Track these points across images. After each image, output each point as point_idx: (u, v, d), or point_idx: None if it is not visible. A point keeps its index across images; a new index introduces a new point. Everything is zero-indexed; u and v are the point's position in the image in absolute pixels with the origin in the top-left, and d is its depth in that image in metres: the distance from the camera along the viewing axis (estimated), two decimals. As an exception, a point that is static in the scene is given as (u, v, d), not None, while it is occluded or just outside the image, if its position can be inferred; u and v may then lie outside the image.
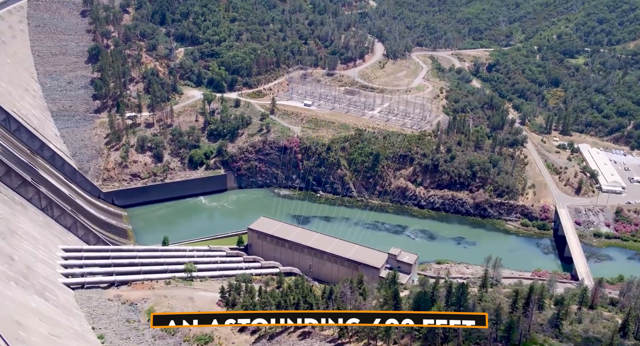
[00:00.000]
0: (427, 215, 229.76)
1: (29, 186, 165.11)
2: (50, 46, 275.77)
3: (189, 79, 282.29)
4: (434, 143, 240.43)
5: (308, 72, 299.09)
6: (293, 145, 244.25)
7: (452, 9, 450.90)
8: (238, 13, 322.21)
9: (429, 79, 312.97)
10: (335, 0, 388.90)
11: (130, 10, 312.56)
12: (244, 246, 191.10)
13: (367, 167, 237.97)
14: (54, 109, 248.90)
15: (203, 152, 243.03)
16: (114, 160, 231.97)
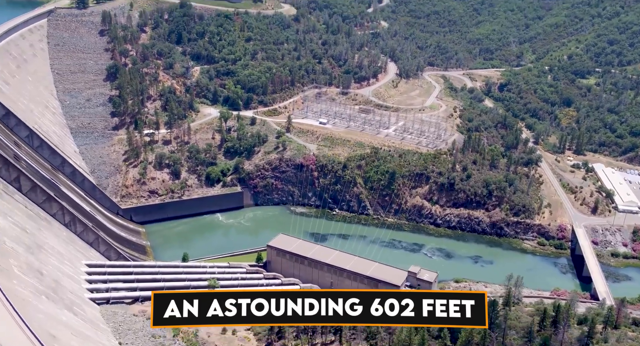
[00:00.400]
0: (444, 233, 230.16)
1: (54, 201, 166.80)
2: (70, 64, 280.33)
3: (205, 97, 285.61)
4: (450, 162, 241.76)
5: (322, 91, 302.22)
6: (309, 163, 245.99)
7: (462, 29, 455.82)
8: (253, 33, 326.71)
9: (442, 98, 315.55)
10: (347, 20, 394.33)
11: (147, 29, 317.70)
12: (263, 263, 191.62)
13: (383, 186, 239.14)
14: (73, 126, 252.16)
15: (220, 169, 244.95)
16: (133, 177, 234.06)
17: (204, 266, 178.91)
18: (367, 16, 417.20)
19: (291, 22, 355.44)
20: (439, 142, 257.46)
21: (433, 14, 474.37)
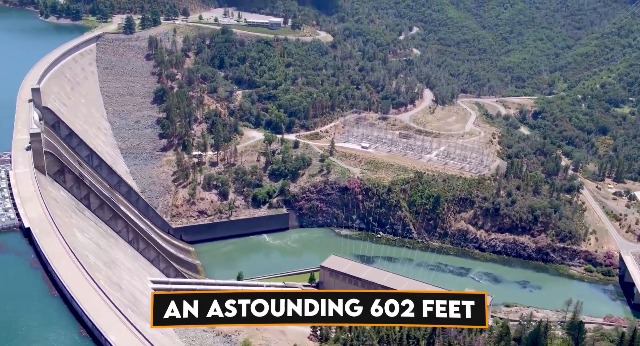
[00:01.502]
0: (489, 258, 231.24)
1: (119, 219, 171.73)
2: (118, 87, 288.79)
3: (248, 121, 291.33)
4: (494, 187, 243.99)
5: (362, 116, 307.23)
6: (354, 186, 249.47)
7: (492, 57, 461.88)
8: (293, 58, 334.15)
9: (479, 125, 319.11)
10: (380, 47, 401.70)
11: (191, 54, 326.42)
12: (315, 284, 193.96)
13: (428, 210, 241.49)
14: (123, 146, 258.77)
15: (266, 191, 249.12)
16: (182, 197, 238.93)
17: (261, 285, 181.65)
18: (400, 44, 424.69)
19: (328, 48, 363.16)
20: (482, 167, 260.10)
21: (463, 43, 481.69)
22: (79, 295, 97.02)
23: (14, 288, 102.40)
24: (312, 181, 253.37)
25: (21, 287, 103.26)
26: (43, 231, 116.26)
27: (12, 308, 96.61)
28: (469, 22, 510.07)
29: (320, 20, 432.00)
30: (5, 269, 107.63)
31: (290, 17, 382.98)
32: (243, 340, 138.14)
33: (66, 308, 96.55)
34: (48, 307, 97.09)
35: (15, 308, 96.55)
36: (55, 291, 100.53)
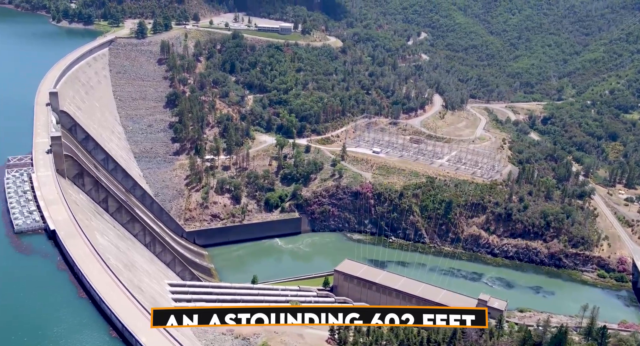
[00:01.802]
0: (501, 263, 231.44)
1: (136, 222, 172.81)
2: (131, 91, 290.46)
3: (259, 125, 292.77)
4: (506, 192, 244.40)
5: (372, 121, 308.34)
6: (366, 191, 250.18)
7: (501, 63, 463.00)
8: (303, 63, 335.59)
9: (489, 130, 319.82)
10: (389, 52, 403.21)
11: (202, 59, 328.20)
12: (329, 288, 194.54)
13: (440, 215, 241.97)
14: (136, 150, 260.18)
15: (278, 195, 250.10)
16: (195, 201, 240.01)
17: (277, 288, 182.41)
18: (408, 49, 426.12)
19: (338, 54, 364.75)
20: (494, 173, 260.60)
21: (471, 48, 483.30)
22: (108, 297, 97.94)
23: (43, 290, 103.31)
24: (324, 186, 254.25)
25: (50, 289, 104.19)
26: (68, 233, 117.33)
27: (43, 310, 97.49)
28: (476, 27, 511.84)
29: (329, 26, 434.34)
30: (33, 271, 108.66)
31: (300, 22, 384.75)
32: (261, 343, 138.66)
33: (95, 310, 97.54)
34: (77, 309, 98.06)
35: (46, 310, 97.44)
36: (84, 293, 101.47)
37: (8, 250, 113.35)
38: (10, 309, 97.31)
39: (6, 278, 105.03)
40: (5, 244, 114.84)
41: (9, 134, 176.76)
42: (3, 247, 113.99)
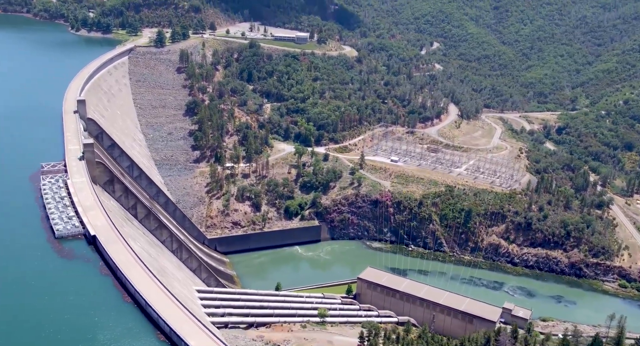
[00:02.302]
0: (521, 273, 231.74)
1: (164, 229, 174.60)
2: (151, 99, 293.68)
3: (277, 133, 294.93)
4: (525, 202, 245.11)
5: (389, 130, 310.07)
6: (385, 199, 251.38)
7: (514, 73, 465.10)
8: (320, 72, 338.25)
9: (505, 140, 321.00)
10: (403, 62, 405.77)
11: (220, 68, 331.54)
12: (352, 295, 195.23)
13: (459, 223, 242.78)
14: (157, 158, 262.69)
15: (297, 203, 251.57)
16: (217, 208, 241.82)
17: (301, 295, 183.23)
18: (422, 59, 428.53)
19: (354, 63, 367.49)
20: (512, 182, 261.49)
21: (483, 58, 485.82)
22: (153, 302, 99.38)
23: (89, 295, 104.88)
24: (344, 194, 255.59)
25: (95, 294, 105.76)
26: (108, 239, 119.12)
27: (91, 314, 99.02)
28: (488, 38, 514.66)
29: (342, 35, 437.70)
30: (77, 276, 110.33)
31: (316, 32, 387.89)
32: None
33: (141, 314, 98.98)
34: (123, 313, 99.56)
35: (93, 315, 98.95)
36: (129, 298, 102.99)
37: (51, 255, 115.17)
38: (59, 313, 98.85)
39: (52, 282, 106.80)
40: (48, 250, 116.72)
41: (40, 141, 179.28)
42: (46, 252, 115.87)
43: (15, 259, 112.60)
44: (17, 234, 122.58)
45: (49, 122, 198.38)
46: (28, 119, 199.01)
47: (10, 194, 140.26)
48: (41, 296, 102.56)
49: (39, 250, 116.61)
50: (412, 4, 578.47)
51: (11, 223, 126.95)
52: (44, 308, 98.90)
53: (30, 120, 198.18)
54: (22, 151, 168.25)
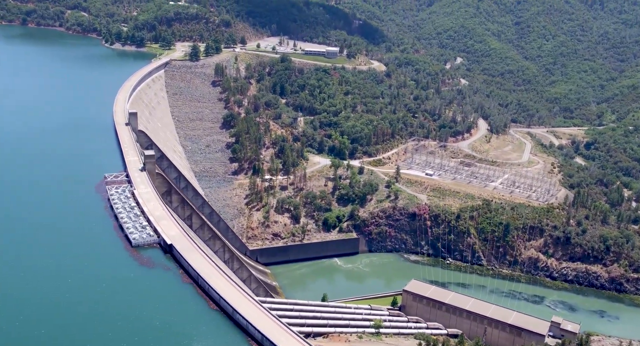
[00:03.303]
0: (561, 287, 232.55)
1: (217, 239, 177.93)
2: (188, 112, 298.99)
3: (311, 146, 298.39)
4: (563, 216, 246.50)
5: (421, 144, 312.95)
6: (422, 212, 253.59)
7: (538, 88, 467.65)
8: (351, 86, 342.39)
9: (536, 154, 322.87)
10: (431, 76, 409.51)
11: (253, 81, 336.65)
12: (398, 307, 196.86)
13: (497, 237, 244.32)
14: (196, 170, 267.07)
15: (335, 215, 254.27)
16: (257, 220, 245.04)
17: (349, 307, 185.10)
18: (448, 73, 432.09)
19: (384, 77, 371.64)
20: (549, 196, 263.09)
21: (507, 73, 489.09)
22: (241, 308, 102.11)
23: (176, 304, 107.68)
24: (381, 207, 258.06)
25: (181, 302, 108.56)
26: (184, 247, 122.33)
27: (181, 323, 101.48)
28: (511, 53, 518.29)
29: (368, 50, 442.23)
30: (161, 284, 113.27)
31: (345, 47, 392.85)
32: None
33: (229, 321, 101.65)
34: (211, 321, 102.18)
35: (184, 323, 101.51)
36: (214, 305, 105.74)
37: (132, 264, 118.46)
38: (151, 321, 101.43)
39: (138, 291, 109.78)
40: (128, 258, 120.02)
41: (97, 152, 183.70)
42: (127, 261, 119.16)
43: (98, 268, 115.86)
44: (95, 243, 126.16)
45: (102, 134, 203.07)
46: (82, 131, 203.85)
47: (82, 204, 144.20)
48: (132, 305, 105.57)
49: (119, 259, 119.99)
50: (434, 19, 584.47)
51: (88, 232, 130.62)
52: (136, 317, 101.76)
53: (84, 132, 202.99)
54: (83, 162, 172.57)
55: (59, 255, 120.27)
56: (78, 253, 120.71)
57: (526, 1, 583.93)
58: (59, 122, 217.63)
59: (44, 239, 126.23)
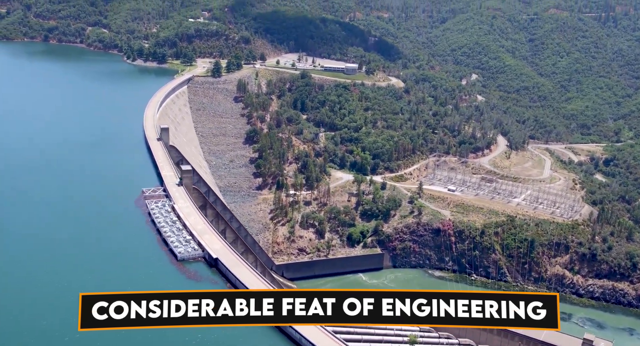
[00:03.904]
0: (587, 304, 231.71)
1: (250, 254, 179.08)
2: (211, 127, 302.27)
3: (333, 162, 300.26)
4: (589, 232, 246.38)
5: (442, 160, 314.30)
6: (447, 228, 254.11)
7: (554, 105, 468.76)
8: (371, 103, 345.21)
9: (556, 171, 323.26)
10: (449, 93, 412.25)
11: (274, 97, 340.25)
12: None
13: (522, 253, 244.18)
14: (221, 184, 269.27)
15: (359, 230, 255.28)
16: (282, 234, 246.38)
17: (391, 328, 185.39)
18: (465, 90, 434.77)
19: (402, 93, 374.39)
20: (573, 213, 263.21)
21: (523, 89, 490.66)
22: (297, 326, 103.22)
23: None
24: (405, 222, 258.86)
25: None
26: (230, 262, 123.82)
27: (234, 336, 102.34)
28: (526, 69, 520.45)
29: (385, 66, 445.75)
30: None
31: (364, 63, 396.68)
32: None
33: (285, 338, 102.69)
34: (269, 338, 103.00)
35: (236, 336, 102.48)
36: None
37: (180, 277, 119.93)
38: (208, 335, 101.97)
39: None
40: (175, 272, 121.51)
41: (132, 167, 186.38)
42: (174, 274, 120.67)
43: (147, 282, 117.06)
44: (141, 257, 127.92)
45: (133, 149, 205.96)
46: (113, 146, 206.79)
47: (123, 219, 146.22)
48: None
49: (166, 273, 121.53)
50: (448, 36, 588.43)
51: (133, 246, 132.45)
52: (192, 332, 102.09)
53: (115, 147, 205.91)
54: (118, 177, 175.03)
55: (108, 271, 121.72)
56: (126, 267, 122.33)
57: (539, 18, 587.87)
58: (89, 137, 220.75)
59: (91, 255, 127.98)
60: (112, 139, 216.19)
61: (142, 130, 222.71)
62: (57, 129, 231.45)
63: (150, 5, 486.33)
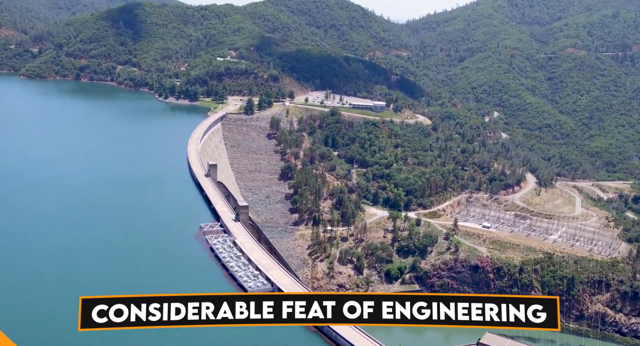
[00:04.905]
0: (632, 343, 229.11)
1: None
2: (247, 164, 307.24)
3: (365, 198, 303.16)
4: (629, 270, 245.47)
5: (474, 196, 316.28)
6: (485, 265, 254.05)
7: (577, 142, 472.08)
8: (400, 139, 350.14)
9: (588, 208, 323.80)
10: (474, 130, 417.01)
11: (304, 134, 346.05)
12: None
13: (562, 291, 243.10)
14: (258, 220, 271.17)
15: (397, 266, 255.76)
16: (322, 270, 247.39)
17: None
18: (489, 127, 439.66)
19: (430, 131, 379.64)
20: (611, 250, 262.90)
21: (545, 127, 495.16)
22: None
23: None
24: (442, 259, 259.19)
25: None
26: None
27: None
28: (547, 107, 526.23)
29: (410, 104, 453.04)
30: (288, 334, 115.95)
31: (391, 101, 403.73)
32: None
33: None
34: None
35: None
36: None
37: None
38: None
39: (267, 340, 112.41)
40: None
41: (184, 203, 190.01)
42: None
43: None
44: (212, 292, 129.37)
45: (182, 185, 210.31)
46: (162, 184, 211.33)
47: (186, 255, 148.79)
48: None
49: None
50: (467, 75, 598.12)
51: (201, 282, 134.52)
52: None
53: (165, 184, 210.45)
54: (173, 214, 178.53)
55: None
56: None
57: (557, 57, 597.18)
58: (136, 175, 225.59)
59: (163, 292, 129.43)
60: (160, 176, 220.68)
61: (187, 166, 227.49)
62: (103, 167, 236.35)
63: (178, 44, 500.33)
